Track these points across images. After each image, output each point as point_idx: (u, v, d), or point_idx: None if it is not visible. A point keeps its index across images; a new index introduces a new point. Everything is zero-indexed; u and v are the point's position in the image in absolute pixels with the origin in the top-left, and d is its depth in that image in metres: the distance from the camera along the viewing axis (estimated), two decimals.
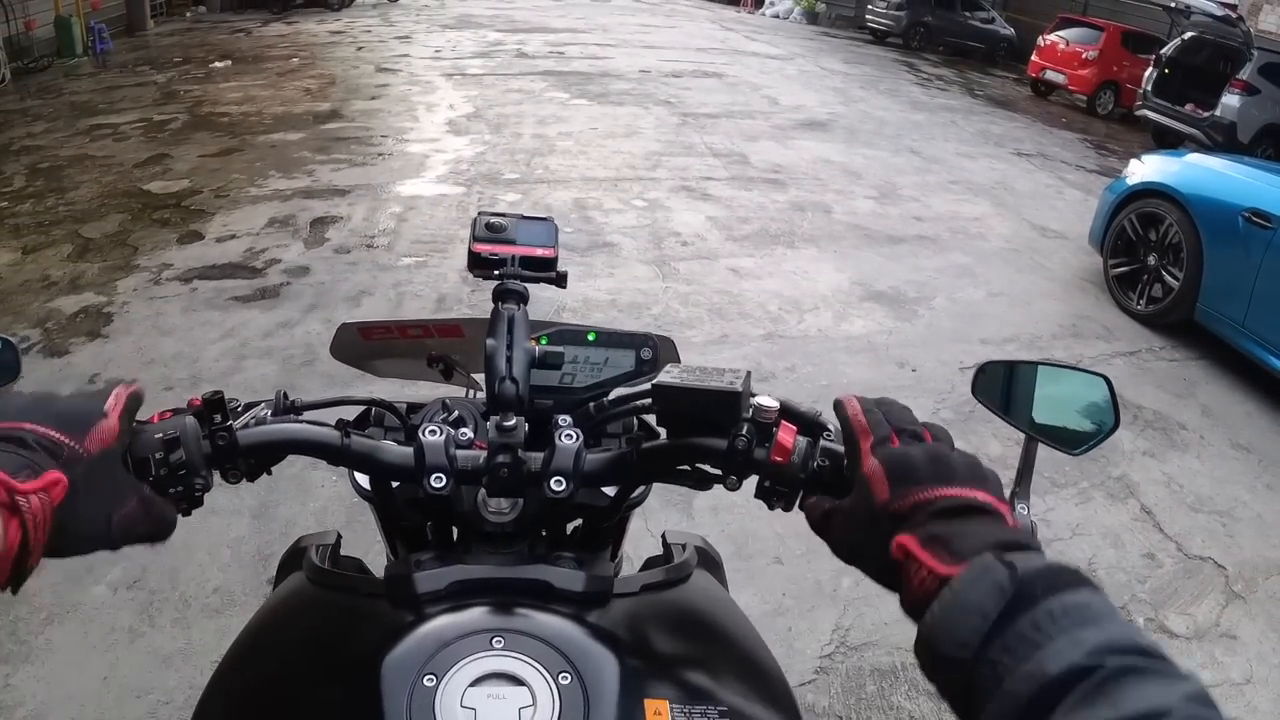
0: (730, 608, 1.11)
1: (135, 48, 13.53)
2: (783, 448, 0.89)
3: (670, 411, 0.96)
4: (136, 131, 8.67)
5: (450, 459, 0.91)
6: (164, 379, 4.28)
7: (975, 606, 0.59)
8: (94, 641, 2.80)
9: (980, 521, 0.68)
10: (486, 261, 1.09)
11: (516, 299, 1.04)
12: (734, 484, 0.93)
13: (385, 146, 8.62)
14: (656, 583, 1.01)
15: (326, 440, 0.93)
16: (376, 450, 0.95)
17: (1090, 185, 9.56)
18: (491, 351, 0.98)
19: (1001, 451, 4.28)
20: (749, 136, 10.03)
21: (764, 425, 0.91)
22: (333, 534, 1.20)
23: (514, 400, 0.95)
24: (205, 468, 0.85)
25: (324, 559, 1.10)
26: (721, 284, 5.95)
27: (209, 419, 0.86)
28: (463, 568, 0.90)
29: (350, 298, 5.32)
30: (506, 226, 1.11)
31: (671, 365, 1.00)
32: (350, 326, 1.44)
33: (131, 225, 6.25)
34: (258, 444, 0.90)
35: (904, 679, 2.95)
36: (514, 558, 0.95)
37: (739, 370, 0.96)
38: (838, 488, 0.86)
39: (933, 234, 7.43)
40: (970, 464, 0.74)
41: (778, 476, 0.89)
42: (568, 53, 14.38)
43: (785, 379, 4.77)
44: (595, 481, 0.98)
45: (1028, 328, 5.80)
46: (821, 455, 0.89)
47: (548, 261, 1.11)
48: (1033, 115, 14.10)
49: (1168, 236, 5.96)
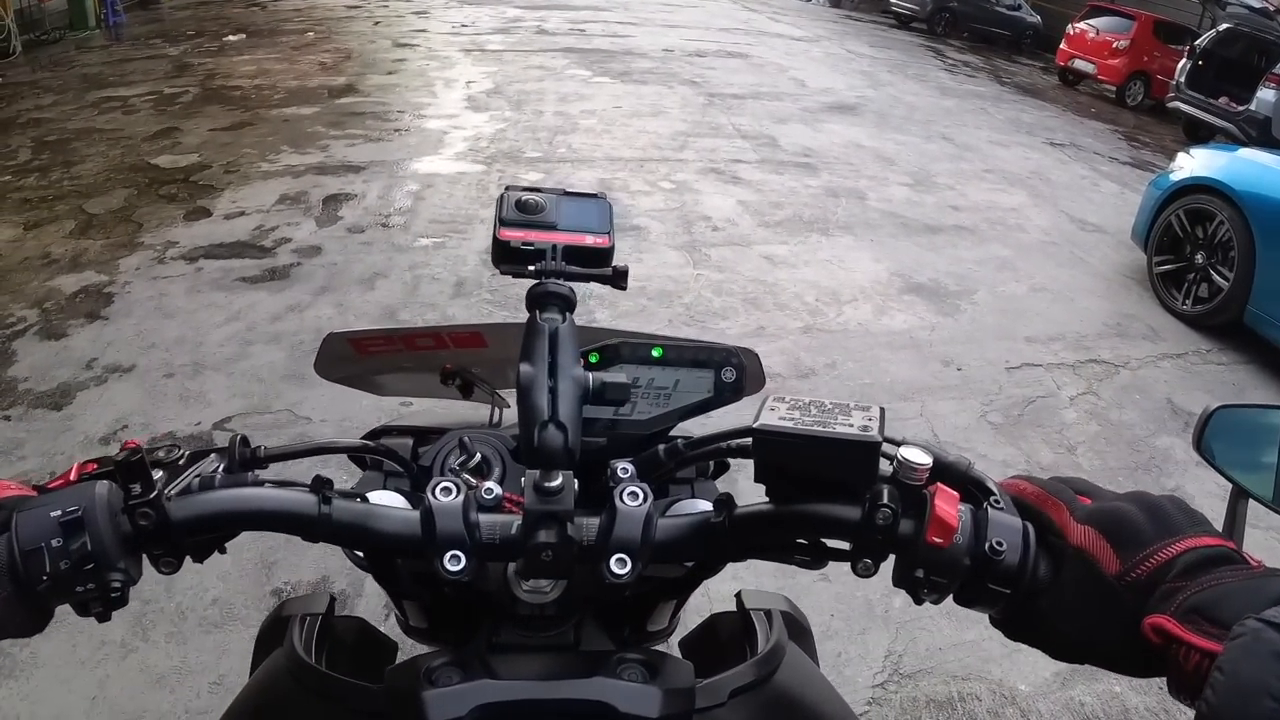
0: (827, 694, 0.87)
1: (149, 20, 13.30)
2: (943, 525, 0.65)
3: (776, 463, 0.71)
4: (146, 105, 8.43)
5: (470, 528, 0.66)
6: (164, 365, 4.06)
7: (1258, 686, 0.50)
8: (83, 656, 2.59)
9: (1230, 573, 0.58)
10: (518, 254, 0.81)
11: (560, 305, 0.76)
12: (868, 568, 0.69)
13: (402, 122, 8.37)
14: (749, 683, 0.76)
15: (298, 509, 0.68)
16: (368, 519, 0.70)
17: (1125, 178, 9.33)
18: (528, 382, 0.69)
19: (1053, 460, 4.05)
20: (777, 118, 9.76)
21: (912, 489, 0.67)
22: (324, 599, 0.94)
23: (561, 454, 0.67)
24: (125, 557, 0.61)
25: (310, 639, 0.84)
26: (755, 272, 5.71)
27: (129, 486, 0.62)
28: (491, 684, 0.65)
29: (364, 280, 5.08)
30: (545, 205, 0.83)
31: (775, 399, 0.73)
32: (338, 338, 1.15)
33: (137, 201, 6.02)
34: (198, 519, 0.65)
35: (962, 711, 2.75)
36: (558, 663, 0.70)
37: (869, 407, 0.70)
38: (1015, 577, 0.65)
39: (970, 224, 7.19)
40: (1180, 505, 0.66)
41: (934, 562, 0.65)
42: (589, 30, 14.11)
43: (826, 376, 4.54)
44: (669, 557, 0.74)
45: (1073, 326, 5.55)
46: (994, 533, 0.65)
47: (601, 253, 0.83)
48: (1062, 104, 13.82)
49: (1217, 234, 5.73)
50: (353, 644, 0.96)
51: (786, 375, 4.46)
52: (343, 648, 0.92)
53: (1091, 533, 0.64)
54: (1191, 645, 0.56)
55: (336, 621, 0.93)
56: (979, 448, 4.05)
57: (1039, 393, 4.66)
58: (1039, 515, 0.68)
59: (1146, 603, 0.59)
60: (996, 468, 3.90)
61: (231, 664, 2.58)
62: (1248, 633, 0.52)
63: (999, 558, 0.65)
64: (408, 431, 1.04)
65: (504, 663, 0.69)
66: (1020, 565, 0.65)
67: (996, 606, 0.67)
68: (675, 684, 0.68)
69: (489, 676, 0.66)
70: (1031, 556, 0.66)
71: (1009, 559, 0.65)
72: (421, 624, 1.00)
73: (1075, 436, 4.29)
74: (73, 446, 3.44)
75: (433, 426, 1.05)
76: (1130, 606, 0.60)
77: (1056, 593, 0.65)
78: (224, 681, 2.52)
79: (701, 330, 4.82)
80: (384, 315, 4.67)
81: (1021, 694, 2.82)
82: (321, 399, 3.73)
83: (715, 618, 1.00)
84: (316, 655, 0.84)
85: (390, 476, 0.95)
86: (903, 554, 0.67)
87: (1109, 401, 4.69)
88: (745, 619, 0.92)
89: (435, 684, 0.65)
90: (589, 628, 0.82)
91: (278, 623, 0.92)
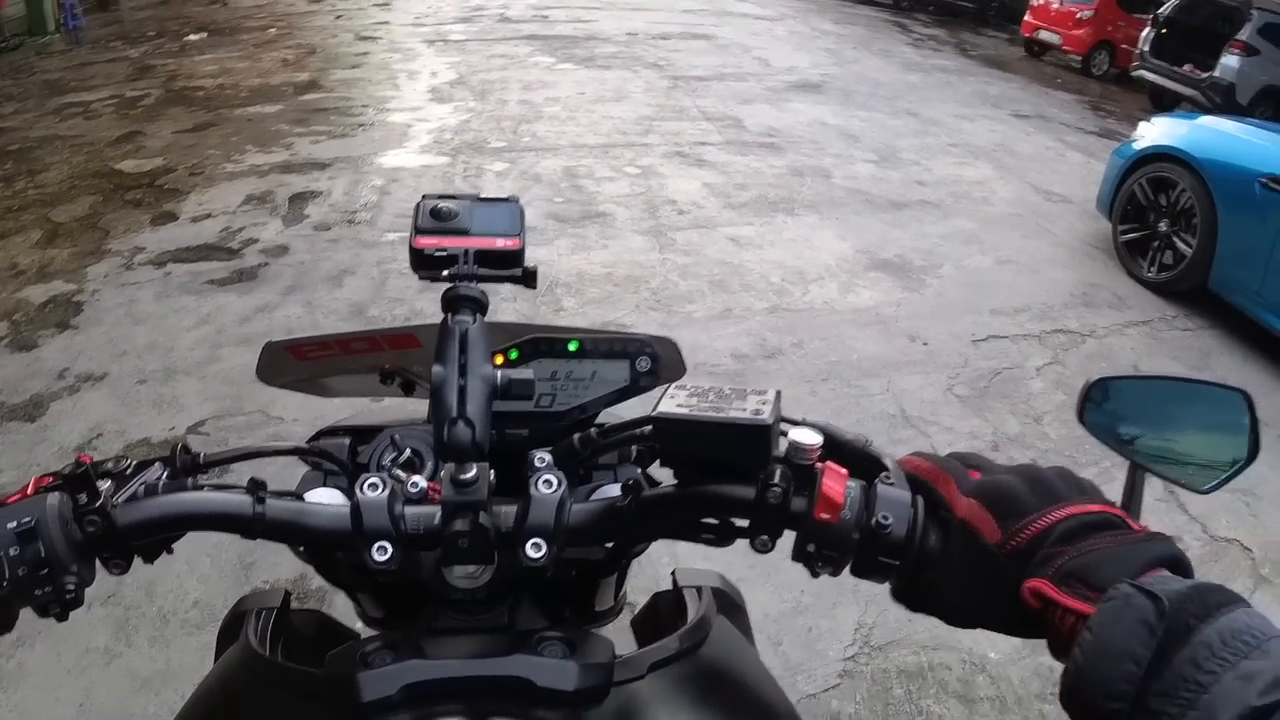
0: (752, 667, 0.91)
1: (108, 23, 13.14)
2: (830, 501, 0.69)
3: (678, 450, 0.75)
4: (109, 109, 8.36)
5: (396, 520, 0.71)
6: (136, 371, 4.07)
7: (1122, 649, 0.53)
8: (68, 664, 2.61)
9: (1110, 538, 0.61)
10: (433, 260, 0.84)
11: (472, 308, 0.80)
12: (765, 544, 0.72)
13: (366, 117, 8.33)
14: (668, 656, 0.79)
15: (233, 510, 0.73)
16: (300, 516, 0.74)
17: (1091, 147, 9.38)
18: (439, 382, 0.74)
19: (1020, 430, 4.11)
20: (742, 99, 9.77)
21: (803, 468, 0.71)
22: (278, 594, 0.98)
23: (469, 448, 0.72)
24: (77, 561, 0.65)
25: (264, 631, 0.88)
26: (721, 254, 5.74)
27: (77, 496, 0.66)
28: (419, 664, 0.69)
29: (332, 277, 5.08)
30: (458, 212, 0.87)
31: (677, 386, 0.77)
32: (276, 346, 1.18)
33: (103, 207, 5.99)
34: (142, 523, 0.70)
35: (932, 680, 2.81)
36: (485, 643, 0.75)
37: (765, 391, 0.74)
38: (902, 549, 0.69)
39: (935, 199, 7.23)
40: (1065, 475, 0.68)
41: (824, 537, 0.69)
42: (552, 16, 14.03)
43: (793, 355, 4.58)
44: (584, 540, 0.77)
45: (1039, 297, 5.61)
46: (882, 507, 0.69)
47: (511, 255, 0.86)
48: (1028, 76, 13.86)
49: (1180, 202, 5.79)
50: (312, 636, 1.00)
51: (754, 356, 4.51)
52: (301, 640, 0.96)
53: (975, 504, 0.66)
54: (1066, 608, 0.58)
55: (294, 615, 0.97)
56: (945, 420, 4.11)
57: (1005, 364, 4.72)
58: (931, 490, 0.71)
59: (1026, 568, 0.62)
60: (963, 440, 3.97)
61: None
62: (1119, 596, 0.55)
63: (885, 531, 0.68)
64: (349, 431, 1.08)
65: (436, 644, 0.73)
66: (907, 538, 0.68)
67: (888, 577, 0.71)
68: (593, 659, 0.71)
69: (419, 657, 0.70)
70: (919, 529, 0.69)
71: (895, 532, 0.68)
72: (378, 613, 1.04)
73: (1042, 406, 4.35)
74: (48, 458, 3.45)
75: (373, 425, 1.09)
76: (1011, 573, 0.62)
77: (945, 563, 0.67)
78: None
79: (668, 314, 4.86)
80: (353, 312, 4.68)
81: (991, 661, 2.88)
82: (293, 400, 3.72)
83: (656, 596, 1.05)
84: (272, 648, 0.88)
85: (330, 475, 0.99)
86: (797, 530, 0.71)
87: (1075, 370, 4.75)
88: (679, 596, 0.97)
89: (370, 665, 0.68)
90: (525, 610, 0.87)
91: (235, 619, 0.96)
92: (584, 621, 1.07)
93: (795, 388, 4.27)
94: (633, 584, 1.09)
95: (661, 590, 1.03)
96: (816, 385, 4.31)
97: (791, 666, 2.79)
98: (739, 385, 0.76)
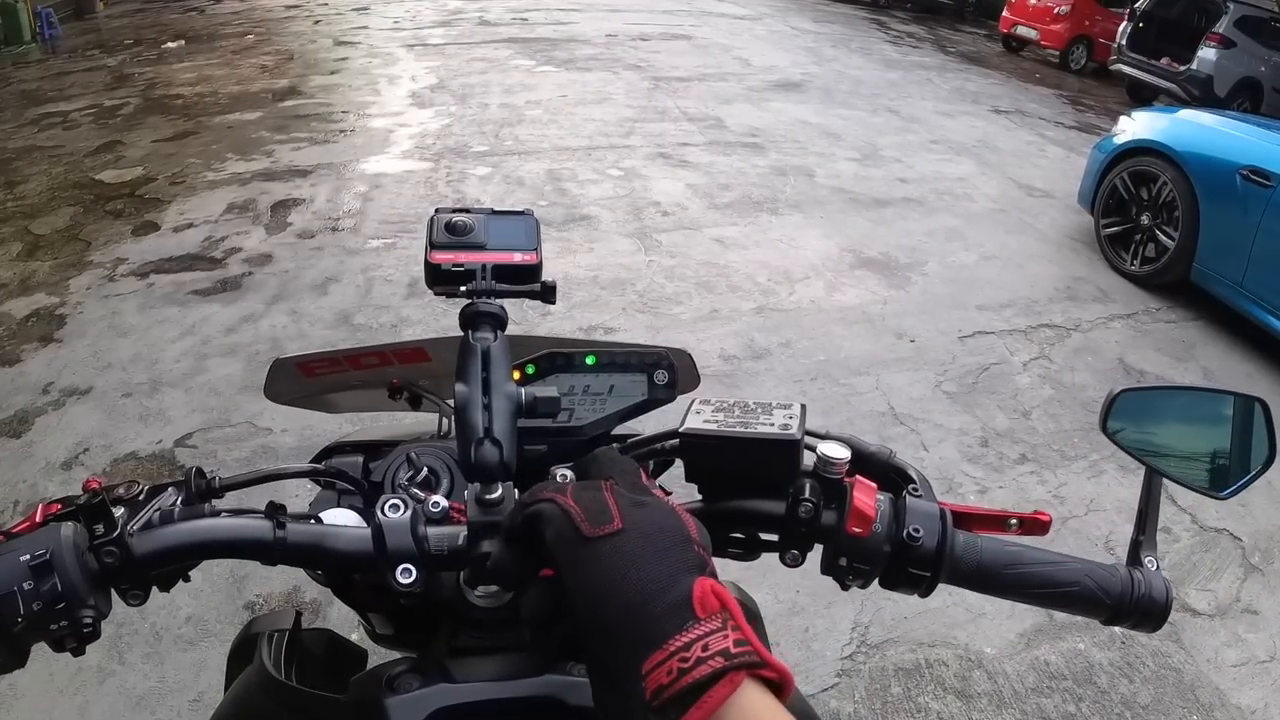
0: None
1: (85, 31, 13.05)
2: (862, 515, 0.69)
3: (705, 465, 0.74)
4: (87, 119, 8.29)
5: (419, 541, 0.70)
6: (122, 384, 4.03)
7: None
8: (61, 684, 2.58)
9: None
10: (450, 275, 0.83)
11: (492, 324, 0.79)
12: (796, 559, 0.73)
13: (347, 123, 8.29)
14: None
15: (254, 536, 0.71)
16: (322, 540, 0.73)
17: (1071, 142, 9.43)
18: (463, 401, 0.73)
19: (1008, 425, 4.12)
20: (723, 99, 9.77)
21: (832, 481, 0.71)
22: (290, 614, 0.97)
23: (497, 468, 0.71)
24: (94, 594, 0.63)
25: (279, 654, 0.87)
26: (707, 255, 5.73)
27: (92, 527, 0.65)
28: (447, 688, 0.68)
29: (316, 285, 5.05)
30: (473, 226, 0.86)
31: (702, 401, 0.77)
32: (286, 363, 1.17)
33: (84, 218, 5.93)
34: (161, 552, 0.68)
35: (929, 677, 2.81)
36: (512, 663, 0.73)
37: (790, 405, 0.74)
38: (933, 560, 0.70)
39: (919, 196, 7.25)
40: None
41: (856, 550, 0.69)
42: (531, 19, 14.01)
43: (781, 355, 4.57)
44: None
45: (1023, 292, 5.63)
46: (912, 520, 0.69)
47: (529, 270, 0.85)
48: (1006, 71, 13.91)
49: (1161, 195, 5.82)
50: (322, 655, 0.99)
51: (742, 357, 4.50)
52: (312, 660, 0.95)
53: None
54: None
55: (304, 635, 0.96)
56: (935, 417, 4.12)
57: (992, 359, 4.73)
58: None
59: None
60: (953, 436, 3.97)
61: (209, 680, 2.58)
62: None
63: (916, 543, 0.68)
64: (359, 447, 1.06)
65: (461, 666, 0.72)
66: (938, 549, 0.69)
67: (919, 588, 0.71)
68: None
69: (446, 681, 0.69)
70: (949, 541, 0.70)
71: (926, 544, 0.69)
72: (387, 630, 1.03)
73: (1029, 401, 4.37)
74: (35, 474, 3.41)
75: (383, 440, 1.07)
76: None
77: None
78: (203, 698, 2.53)
79: (655, 317, 4.85)
80: (338, 320, 4.65)
81: (987, 657, 2.89)
82: (280, 410, 3.70)
83: None
84: (286, 669, 0.87)
85: (344, 494, 0.97)
86: (827, 544, 0.70)
87: (1061, 364, 4.77)
88: None
89: (396, 691, 0.67)
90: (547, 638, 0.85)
91: (247, 641, 0.95)
92: None
93: (784, 388, 4.28)
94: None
95: None
96: (805, 385, 4.31)
97: (789, 667, 2.78)
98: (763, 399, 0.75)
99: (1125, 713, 2.74)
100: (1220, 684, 2.89)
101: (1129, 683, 2.85)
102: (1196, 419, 0.99)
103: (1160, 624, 0.76)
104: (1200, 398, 1.04)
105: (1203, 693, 2.85)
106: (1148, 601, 0.75)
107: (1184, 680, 2.89)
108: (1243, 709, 2.82)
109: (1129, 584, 0.76)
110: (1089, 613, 0.76)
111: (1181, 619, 3.16)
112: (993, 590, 0.74)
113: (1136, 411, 0.95)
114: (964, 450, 3.90)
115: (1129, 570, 0.77)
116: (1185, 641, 3.05)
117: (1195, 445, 0.97)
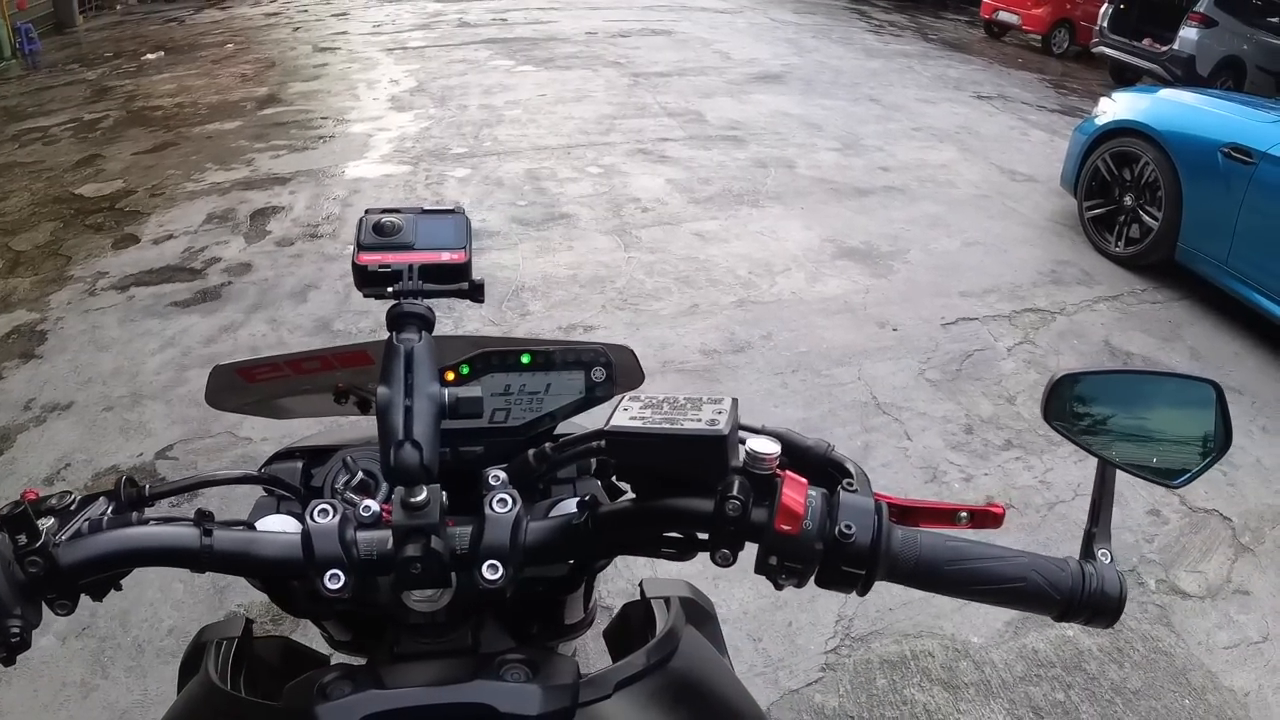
0: (722, 678, 0.88)
1: (65, 45, 12.97)
2: (790, 512, 0.67)
3: (632, 464, 0.73)
4: (67, 133, 8.24)
5: (348, 547, 0.68)
6: (103, 398, 4.00)
7: None
8: (45, 700, 2.56)
9: None
10: (377, 276, 0.83)
11: (418, 325, 0.78)
12: (726, 558, 0.70)
13: (326, 129, 8.26)
14: (635, 673, 0.77)
15: (180, 544, 0.70)
16: (250, 547, 0.71)
17: (1054, 125, 9.40)
18: (384, 404, 0.72)
19: (993, 411, 4.11)
20: (703, 93, 9.74)
21: (762, 478, 0.69)
22: (239, 623, 0.96)
23: (417, 470, 0.70)
24: (20, 604, 0.63)
25: (225, 663, 0.86)
26: (687, 250, 5.71)
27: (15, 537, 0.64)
28: (378, 694, 0.67)
29: (295, 293, 5.02)
30: (401, 226, 0.85)
31: (630, 398, 0.75)
32: (225, 369, 1.15)
33: (64, 233, 5.89)
34: (86, 561, 0.67)
35: (915, 669, 2.79)
36: (447, 668, 0.72)
37: (721, 400, 0.72)
38: (868, 558, 0.67)
39: (900, 184, 7.22)
40: None
41: (786, 549, 0.67)
42: (510, 19, 13.97)
43: (762, 348, 4.55)
44: (542, 559, 0.75)
45: (1007, 277, 5.61)
46: (844, 515, 0.67)
47: (457, 269, 0.84)
48: (989, 57, 13.89)
49: (1144, 175, 5.79)
50: (277, 663, 0.98)
51: (723, 351, 4.48)
52: (264, 668, 0.94)
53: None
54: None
55: (257, 643, 0.95)
56: (918, 406, 4.10)
57: (976, 346, 4.72)
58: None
59: None
60: (936, 425, 3.96)
61: None
62: None
63: (849, 540, 0.66)
64: (304, 453, 1.05)
65: (395, 672, 0.71)
66: (872, 546, 0.67)
67: (855, 587, 0.70)
68: (556, 680, 0.69)
69: (378, 687, 0.68)
70: (883, 536, 0.68)
71: (860, 540, 0.67)
72: (344, 636, 1.02)
73: (1014, 386, 4.35)
74: (16, 490, 3.35)
75: (328, 445, 1.07)
76: None
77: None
78: None
79: (635, 313, 4.82)
80: (318, 326, 4.63)
81: (974, 646, 2.87)
82: (259, 420, 3.69)
83: (627, 607, 1.02)
84: (234, 678, 0.86)
85: (283, 500, 0.96)
86: (758, 542, 0.69)
87: (1046, 348, 4.75)
88: (647, 606, 0.95)
89: (329, 697, 0.66)
90: (489, 629, 0.84)
91: (196, 650, 0.95)
92: (554, 635, 1.06)
93: (766, 380, 4.26)
94: (611, 587, 1.07)
95: (632, 600, 1.00)
96: (787, 377, 4.29)
97: (773, 662, 2.77)
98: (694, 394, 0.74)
99: (1116, 699, 2.72)
100: (1212, 666, 2.88)
101: (1119, 668, 2.83)
102: (1146, 404, 0.93)
103: (1114, 620, 0.73)
104: (1149, 381, 1.00)
105: (1194, 676, 2.83)
106: (1100, 597, 0.72)
107: (1175, 664, 2.87)
108: (1235, 691, 2.79)
109: (1079, 579, 0.72)
110: (1038, 609, 0.73)
111: (1172, 602, 3.14)
112: (934, 588, 0.71)
113: (1081, 397, 0.91)
114: (948, 438, 3.89)
115: (1081, 564, 0.74)
116: (1176, 624, 3.04)
117: (1144, 431, 0.91)
